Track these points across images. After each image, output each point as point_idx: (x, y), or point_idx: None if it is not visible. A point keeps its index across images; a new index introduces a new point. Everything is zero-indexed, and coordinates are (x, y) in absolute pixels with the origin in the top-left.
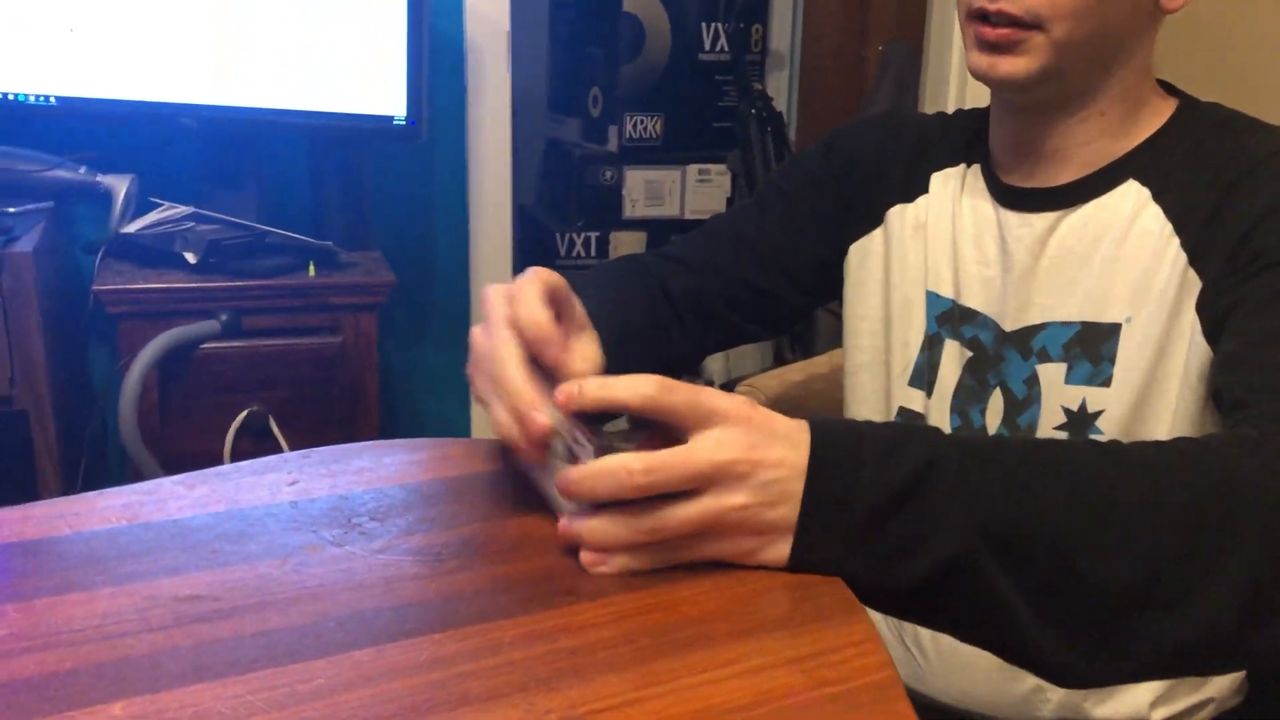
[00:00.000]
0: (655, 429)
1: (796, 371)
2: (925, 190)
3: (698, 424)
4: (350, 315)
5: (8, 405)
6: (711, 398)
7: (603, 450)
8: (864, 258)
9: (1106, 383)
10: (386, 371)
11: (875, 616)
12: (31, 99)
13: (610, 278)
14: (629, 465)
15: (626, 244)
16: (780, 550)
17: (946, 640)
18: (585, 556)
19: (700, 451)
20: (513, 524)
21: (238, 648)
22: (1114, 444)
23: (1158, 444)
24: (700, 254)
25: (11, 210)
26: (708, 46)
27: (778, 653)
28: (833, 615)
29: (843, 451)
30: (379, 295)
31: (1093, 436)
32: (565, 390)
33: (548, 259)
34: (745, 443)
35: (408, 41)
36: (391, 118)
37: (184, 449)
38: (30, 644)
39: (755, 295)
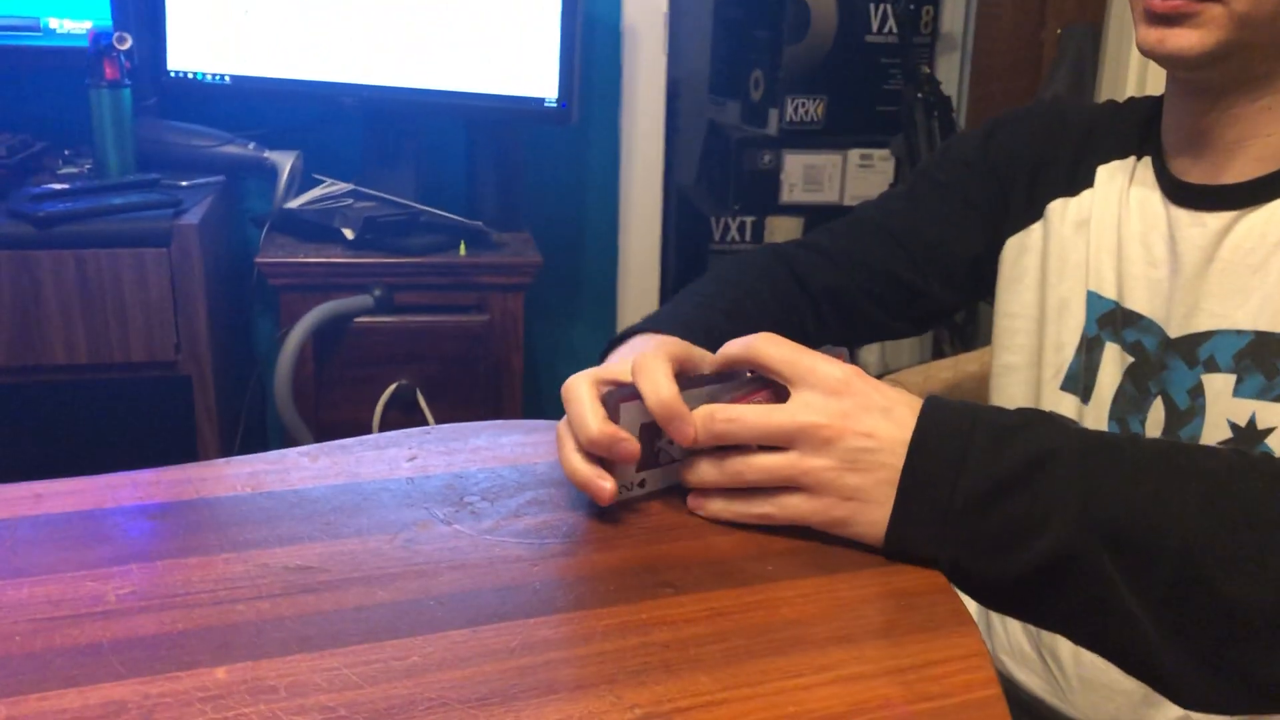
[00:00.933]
0: (772, 386)
1: (945, 368)
2: (1090, 184)
3: (795, 382)
4: (498, 295)
5: (172, 370)
6: (813, 360)
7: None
8: (1020, 253)
9: None
10: (531, 351)
11: (1014, 627)
12: (208, 78)
13: (737, 270)
14: (714, 413)
15: (783, 229)
16: (875, 526)
17: (1087, 658)
18: (690, 499)
19: (786, 410)
20: (619, 512)
21: (340, 621)
22: (1261, 455)
23: None
24: (845, 246)
25: (184, 184)
26: (875, 28)
27: (878, 662)
28: (940, 626)
29: (951, 431)
30: (526, 276)
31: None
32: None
33: (702, 243)
34: (835, 409)
35: (561, 25)
36: (544, 100)
37: (336, 418)
38: (148, 604)
39: (902, 291)
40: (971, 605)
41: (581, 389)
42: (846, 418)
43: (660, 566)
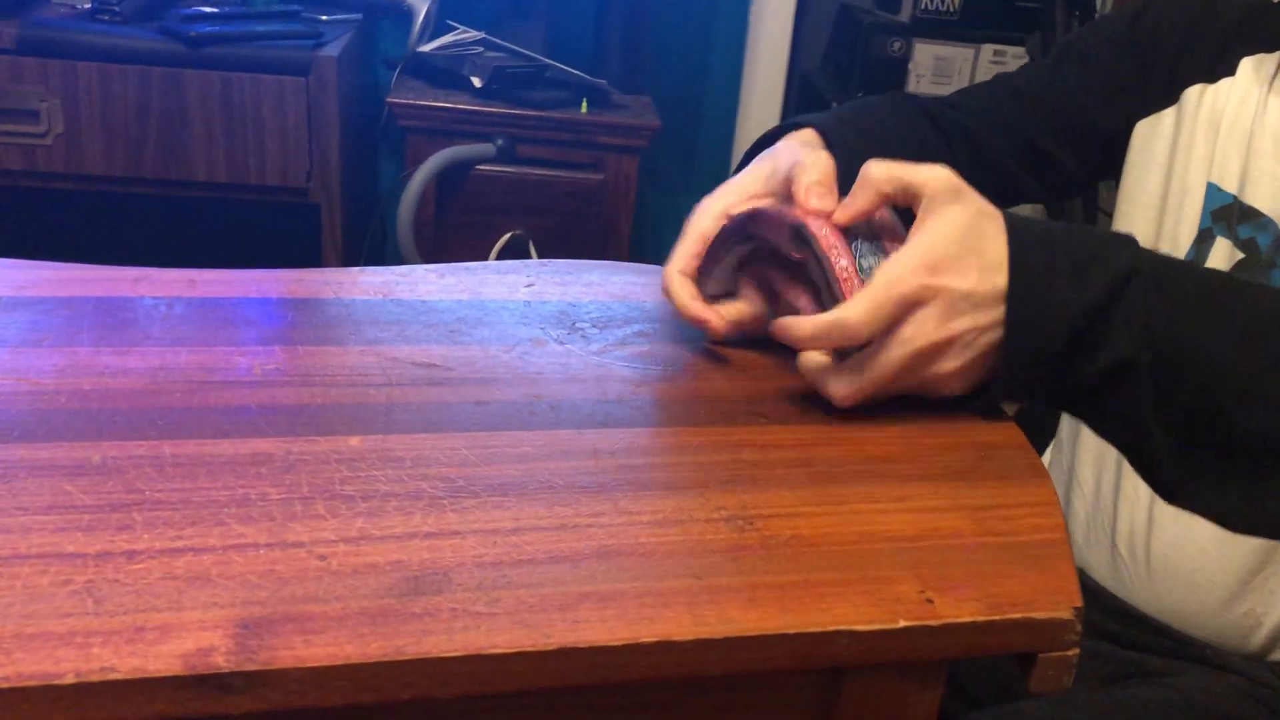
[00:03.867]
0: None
1: None
2: (1231, 73)
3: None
4: (614, 155)
5: (303, 197)
6: (915, 171)
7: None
8: (1150, 138)
9: None
10: (642, 214)
11: (1091, 512)
12: None
13: (866, 105)
14: (848, 322)
15: None
16: (974, 376)
17: (1170, 551)
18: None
19: (885, 289)
20: (718, 352)
21: (461, 411)
22: None
23: None
24: (982, 102)
25: (324, 18)
26: None
27: (952, 498)
28: (1015, 476)
29: (1040, 267)
30: (643, 139)
31: None
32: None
33: None
34: (925, 264)
35: None
36: None
37: (451, 259)
38: (290, 379)
39: (1035, 154)
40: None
41: (675, 274)
42: (939, 272)
43: (756, 399)
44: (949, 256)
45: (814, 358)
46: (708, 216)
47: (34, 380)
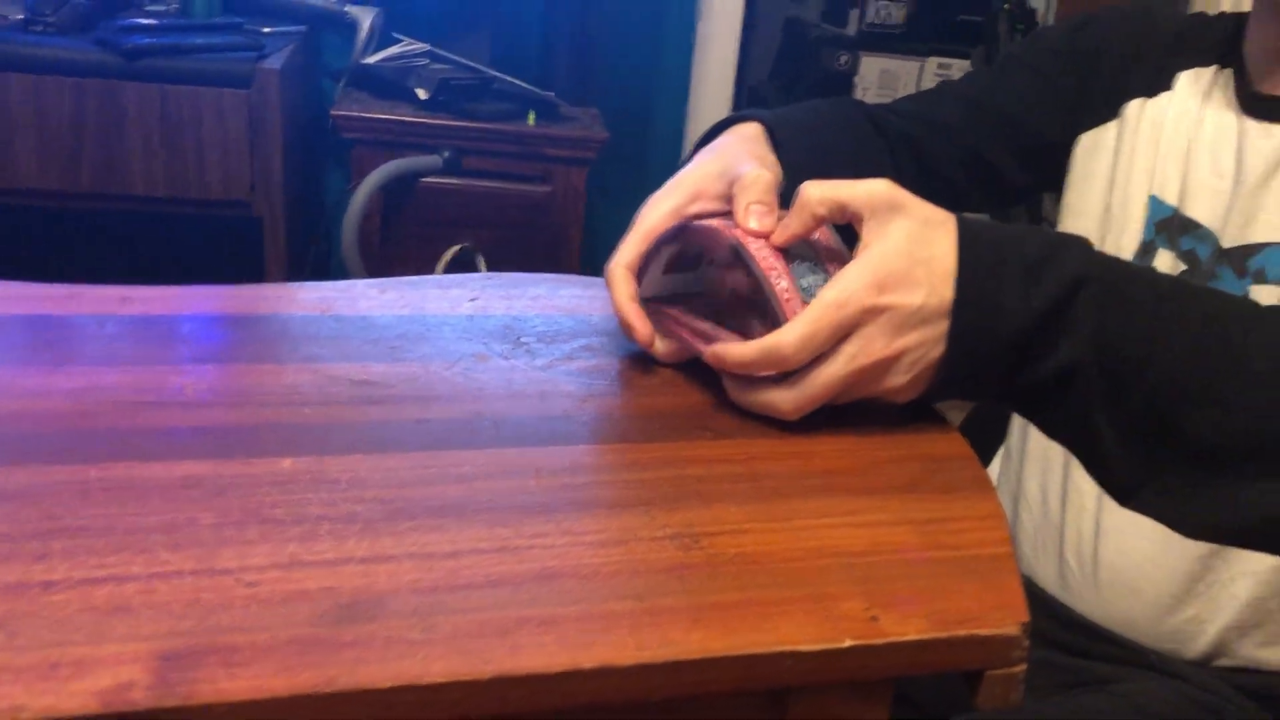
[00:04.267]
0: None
1: None
2: (1169, 88)
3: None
4: (562, 167)
5: (245, 210)
6: (855, 189)
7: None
8: (1093, 151)
9: None
10: (591, 226)
11: (1039, 522)
12: None
13: (816, 112)
14: (782, 349)
15: None
16: (918, 386)
17: (1117, 558)
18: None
19: (833, 302)
20: (666, 366)
21: (399, 430)
22: (1274, 309)
23: None
24: (927, 110)
25: (267, 31)
26: None
27: (900, 513)
28: (962, 489)
29: (988, 274)
30: (591, 151)
31: None
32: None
33: None
34: (873, 282)
35: None
36: None
37: (397, 273)
38: (223, 399)
39: (978, 163)
40: (1004, 502)
41: (620, 268)
42: (887, 290)
43: (701, 413)
44: (896, 272)
45: (748, 384)
46: (657, 213)
47: None
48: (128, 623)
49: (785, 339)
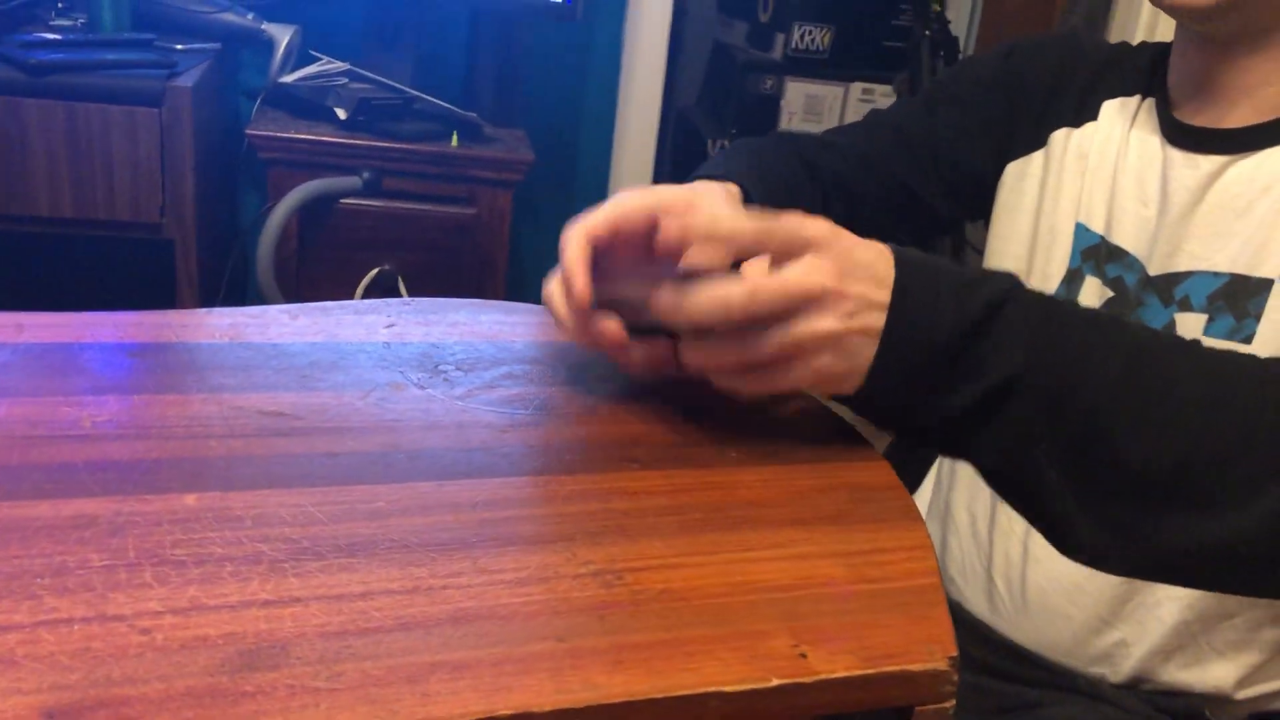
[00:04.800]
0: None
1: None
2: (1094, 117)
3: (790, 251)
4: (487, 189)
5: (156, 233)
6: (801, 223)
7: None
8: (1020, 179)
9: (1248, 339)
10: (517, 250)
11: (968, 548)
12: None
13: (752, 149)
14: (731, 291)
15: None
16: (852, 380)
17: (1045, 583)
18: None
19: (794, 277)
20: (592, 393)
21: (309, 463)
22: (1212, 348)
23: (1259, 359)
24: (857, 143)
25: (179, 48)
26: None
27: (826, 545)
28: (889, 519)
29: (923, 285)
30: (517, 173)
31: None
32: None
33: (695, 164)
34: (835, 270)
35: None
36: None
37: (315, 297)
38: (123, 432)
39: (905, 197)
40: (933, 529)
41: (583, 231)
42: (844, 278)
43: (627, 443)
44: (847, 267)
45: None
46: (631, 203)
47: None
48: (9, 676)
49: (734, 289)
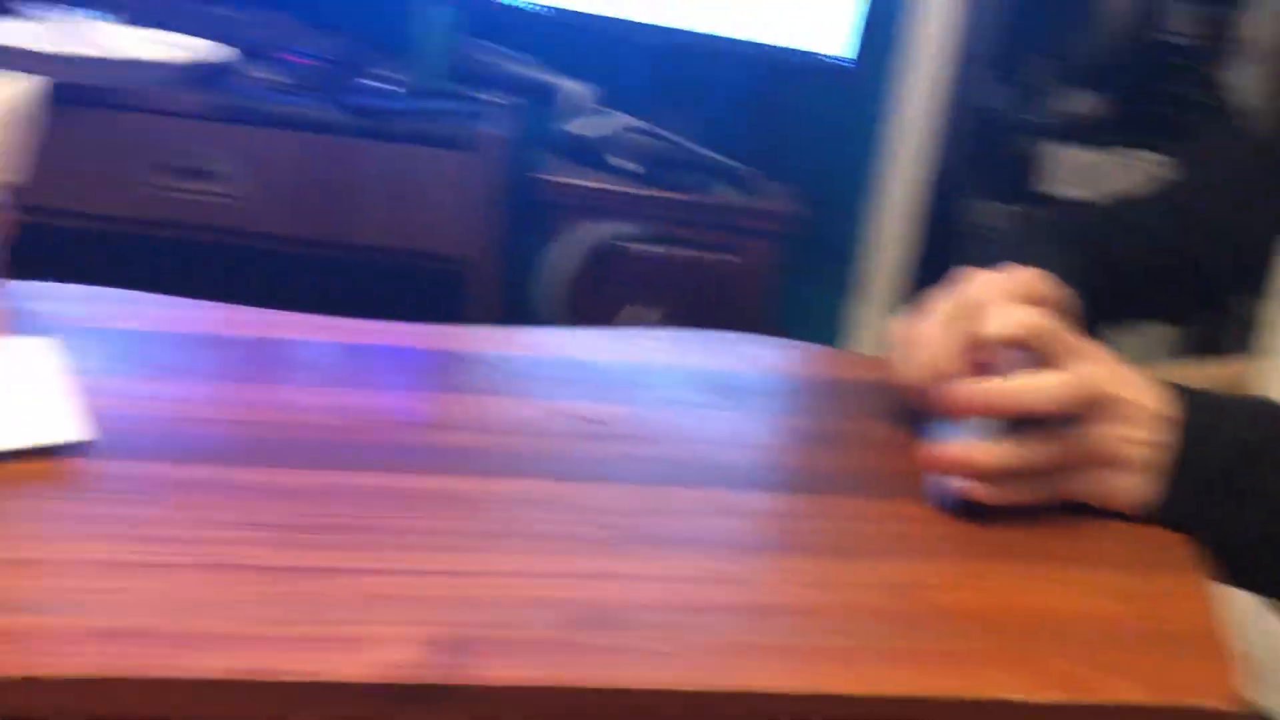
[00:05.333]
0: None
1: (1196, 373)
2: None
3: (1065, 356)
4: (756, 240)
5: (453, 264)
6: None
7: None
8: None
9: None
10: (777, 300)
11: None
12: (527, 6)
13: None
14: (1048, 380)
15: None
16: (1144, 491)
17: None
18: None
19: (1081, 377)
20: (879, 423)
21: (626, 464)
22: None
23: None
24: (1127, 212)
25: (485, 98)
26: (1171, 27)
27: (1107, 584)
28: (1172, 566)
29: (1208, 403)
30: (783, 225)
31: None
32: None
33: (951, 225)
34: (1116, 377)
35: None
36: (830, 55)
37: None
38: (457, 424)
39: (1187, 265)
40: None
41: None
42: (1127, 385)
43: (913, 474)
44: (1128, 374)
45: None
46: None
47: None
48: (397, 610)
49: (1043, 379)
